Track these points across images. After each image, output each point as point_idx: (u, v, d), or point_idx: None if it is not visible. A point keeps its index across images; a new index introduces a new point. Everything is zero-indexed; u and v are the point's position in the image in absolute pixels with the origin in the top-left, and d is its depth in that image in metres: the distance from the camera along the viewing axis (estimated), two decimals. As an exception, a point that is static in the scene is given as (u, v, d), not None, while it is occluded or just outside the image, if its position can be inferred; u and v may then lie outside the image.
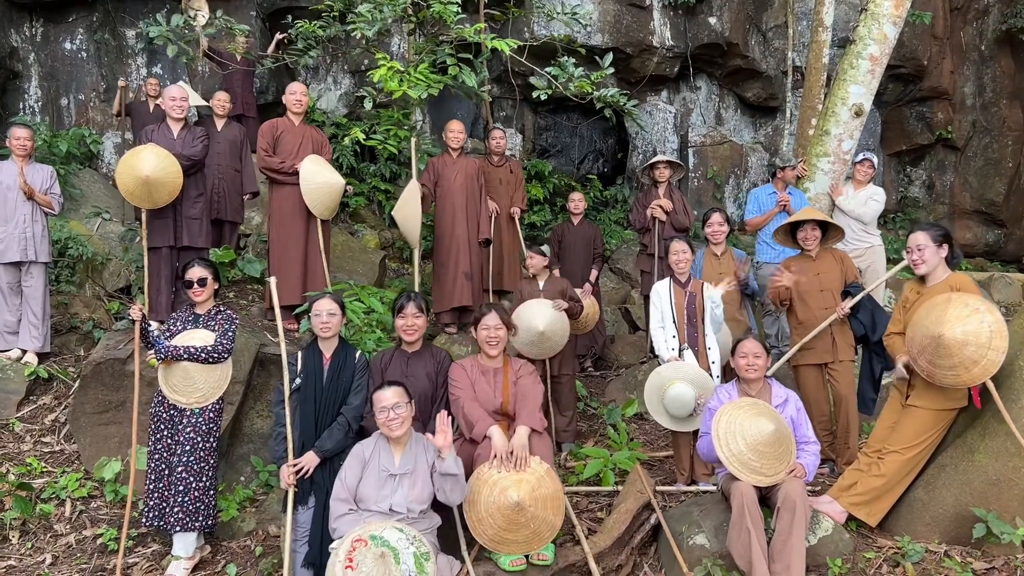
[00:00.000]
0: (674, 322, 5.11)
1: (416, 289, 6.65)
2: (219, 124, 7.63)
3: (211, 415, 4.83)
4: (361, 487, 3.76)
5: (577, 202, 7.93)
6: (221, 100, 7.74)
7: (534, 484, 3.77)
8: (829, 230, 5.41)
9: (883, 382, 5.37)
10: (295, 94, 6.55)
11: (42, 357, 6.68)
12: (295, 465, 4.19)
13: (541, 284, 6.31)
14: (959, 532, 4.09)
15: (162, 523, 4.72)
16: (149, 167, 5.74)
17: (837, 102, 7.00)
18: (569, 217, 8.03)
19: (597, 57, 7.01)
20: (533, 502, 3.74)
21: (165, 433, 4.80)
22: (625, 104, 7.07)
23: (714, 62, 13.65)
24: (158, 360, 4.74)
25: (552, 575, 3.86)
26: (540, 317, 5.82)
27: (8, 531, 5.07)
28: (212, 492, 4.80)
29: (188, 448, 4.72)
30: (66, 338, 7.16)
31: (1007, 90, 14.82)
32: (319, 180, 6.32)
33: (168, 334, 4.89)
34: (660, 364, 5.11)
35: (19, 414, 6.24)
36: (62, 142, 9.73)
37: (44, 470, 5.71)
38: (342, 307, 4.52)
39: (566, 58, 6.94)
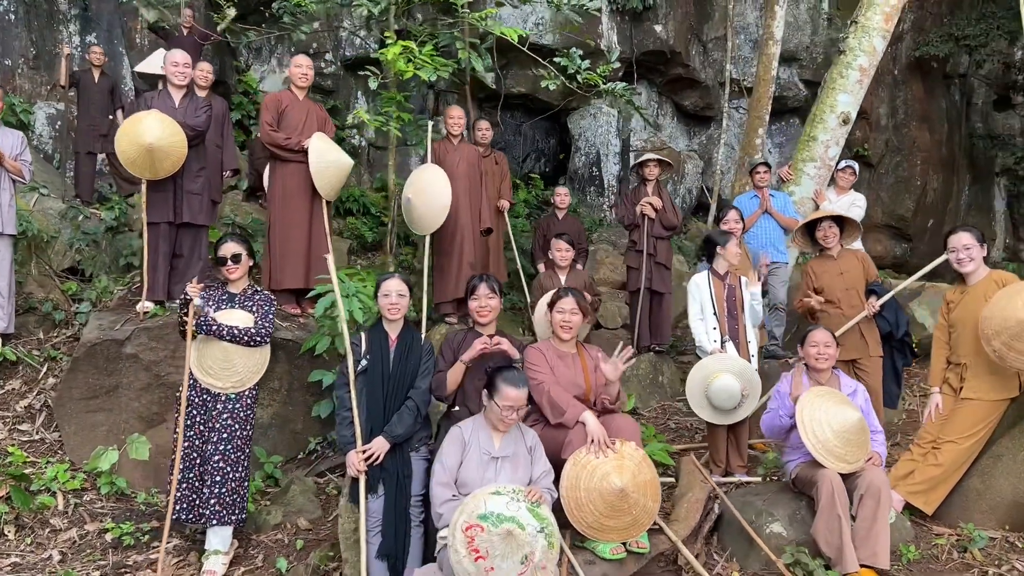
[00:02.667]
0: (715, 314, 5.15)
1: (425, 280, 6.44)
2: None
3: (248, 401, 4.52)
4: (462, 471, 3.60)
5: (563, 196, 7.92)
6: (204, 72, 7.29)
7: (634, 470, 3.71)
8: (845, 227, 5.59)
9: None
10: (300, 67, 6.24)
11: (3, 339, 6.11)
12: (365, 451, 3.97)
13: (563, 278, 6.26)
14: (1017, 519, 4.29)
15: (191, 516, 4.37)
16: (153, 134, 5.34)
17: (825, 109, 7.25)
18: (554, 211, 8.00)
19: (603, 52, 6.99)
20: (635, 488, 3.67)
21: (197, 419, 4.45)
22: (630, 98, 7.10)
23: (656, 69, 13.91)
24: (198, 333, 4.40)
25: (645, 564, 3.80)
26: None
27: (3, 525, 4.59)
28: (246, 484, 4.49)
29: (225, 436, 4.40)
30: (23, 319, 6.56)
31: (917, 113, 15.80)
32: (328, 159, 6.04)
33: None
34: (702, 356, 5.14)
35: (-14, 400, 5.68)
36: (-6, 109, 8.93)
37: (27, 460, 5.20)
38: (410, 288, 4.32)
39: (574, 49, 6.91)
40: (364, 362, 4.14)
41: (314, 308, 6.05)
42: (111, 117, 8.87)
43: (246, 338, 4.43)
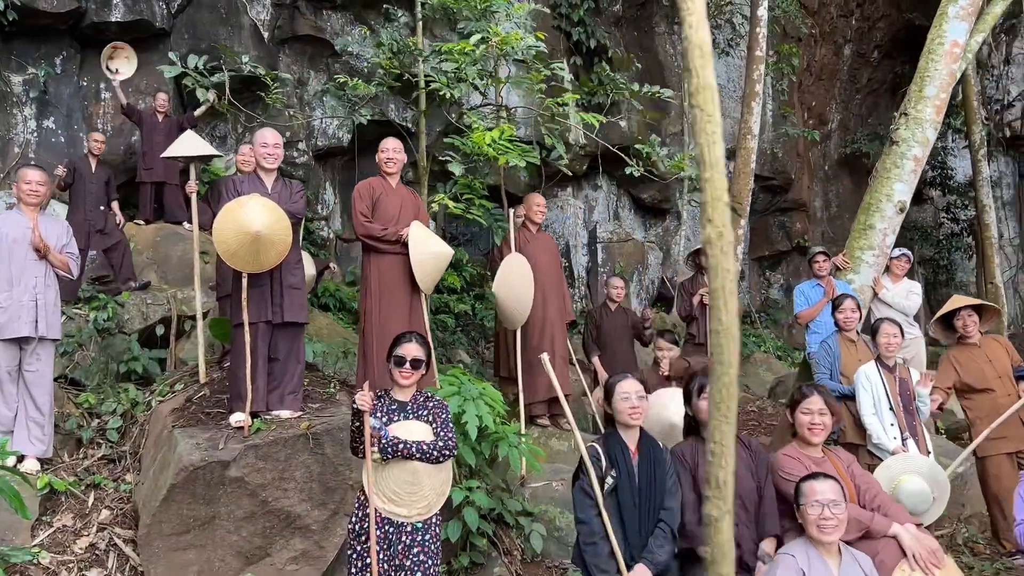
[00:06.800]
0: (891, 409, 4.89)
1: (520, 376, 5.92)
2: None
3: (436, 530, 3.85)
4: (802, 606, 3.09)
5: (619, 290, 7.59)
6: (246, 156, 6.63)
7: (958, 584, 3.34)
8: (983, 314, 5.53)
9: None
10: (387, 151, 5.70)
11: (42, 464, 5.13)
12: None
13: (665, 366, 5.90)
14: None
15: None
16: (260, 221, 4.68)
17: (882, 198, 7.33)
18: (606, 303, 7.65)
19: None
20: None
21: (380, 557, 3.72)
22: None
23: (618, 163, 14.04)
24: (383, 458, 3.72)
25: None
26: (673, 409, 5.38)
27: None
28: (440, 628, 3.78)
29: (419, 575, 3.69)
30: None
31: (848, 205, 16.66)
32: (430, 249, 5.51)
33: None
34: (881, 455, 4.84)
35: (37, 540, 4.67)
36: (-39, 198, 7.88)
37: (113, 616, 4.25)
38: (645, 387, 3.83)
39: (654, 137, 6.75)
40: (610, 480, 3.58)
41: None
42: (103, 208, 7.98)
43: (435, 453, 3.79)
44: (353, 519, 3.83)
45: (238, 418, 4.79)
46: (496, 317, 6.75)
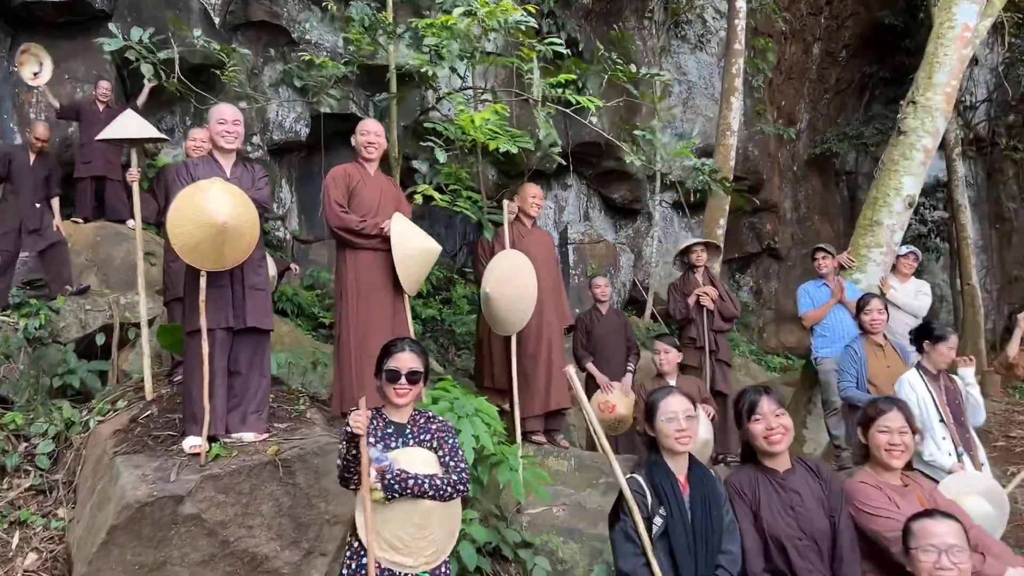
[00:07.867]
0: (941, 421, 4.34)
1: (515, 388, 5.24)
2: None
3: (448, 582, 3.17)
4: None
5: (604, 288, 6.98)
6: (198, 140, 5.87)
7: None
8: None
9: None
10: (368, 134, 4.98)
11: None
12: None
13: (674, 384, 5.30)
14: None
15: None
16: (227, 210, 3.96)
17: (889, 192, 6.88)
18: (595, 305, 7.02)
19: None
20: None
21: (380, 620, 3.02)
22: (722, 180, 6.40)
23: (589, 161, 13.54)
24: (387, 497, 3.02)
25: None
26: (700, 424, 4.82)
27: None
28: None
29: (429, 640, 3.01)
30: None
31: (817, 206, 16.36)
32: (413, 245, 4.83)
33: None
34: (933, 473, 4.28)
35: (-51, 596, 3.87)
36: None
37: None
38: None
39: (655, 122, 6.19)
40: (659, 521, 2.92)
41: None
42: (39, 206, 7.11)
43: (449, 489, 3.10)
44: (344, 571, 3.12)
45: (193, 443, 4.05)
46: (479, 321, 6.09)
